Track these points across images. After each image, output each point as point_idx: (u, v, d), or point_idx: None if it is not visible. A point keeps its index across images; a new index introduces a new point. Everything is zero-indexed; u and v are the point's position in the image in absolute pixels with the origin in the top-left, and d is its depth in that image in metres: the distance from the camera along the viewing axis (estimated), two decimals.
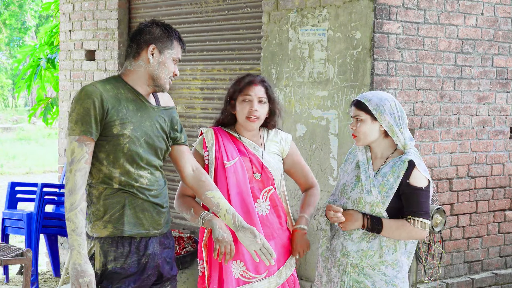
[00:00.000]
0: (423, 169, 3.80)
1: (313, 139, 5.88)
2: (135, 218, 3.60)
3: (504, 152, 6.37)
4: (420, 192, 3.78)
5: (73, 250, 3.44)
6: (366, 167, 3.87)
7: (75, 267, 3.42)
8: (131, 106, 3.59)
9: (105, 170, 3.56)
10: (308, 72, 5.94)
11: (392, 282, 3.82)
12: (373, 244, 3.82)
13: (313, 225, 5.91)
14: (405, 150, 3.84)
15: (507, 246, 6.46)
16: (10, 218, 8.06)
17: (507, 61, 6.32)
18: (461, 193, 6.09)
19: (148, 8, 7.63)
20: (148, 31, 3.65)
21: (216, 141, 4.06)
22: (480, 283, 6.18)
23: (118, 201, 3.57)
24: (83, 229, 3.44)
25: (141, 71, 3.64)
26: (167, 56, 3.65)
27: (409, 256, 3.90)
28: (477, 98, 6.15)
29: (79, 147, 3.46)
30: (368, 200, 3.80)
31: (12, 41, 37.95)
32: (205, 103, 7.11)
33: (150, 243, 3.66)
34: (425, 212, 3.79)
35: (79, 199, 3.43)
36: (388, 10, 5.56)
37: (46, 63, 10.16)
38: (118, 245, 3.58)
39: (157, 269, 3.70)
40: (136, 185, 3.59)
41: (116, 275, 3.58)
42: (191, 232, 7.06)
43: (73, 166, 3.46)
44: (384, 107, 3.80)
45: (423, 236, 3.83)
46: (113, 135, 3.53)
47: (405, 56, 5.67)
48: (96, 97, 3.49)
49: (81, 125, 3.47)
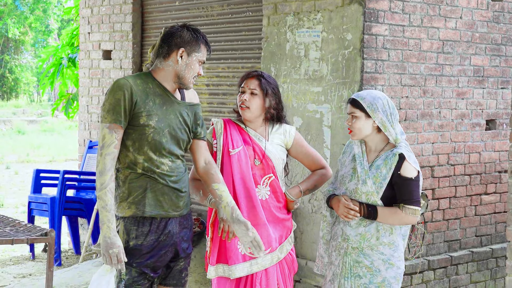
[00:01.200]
0: (413, 161, 3.79)
1: (309, 130, 5.87)
2: (155, 200, 3.63)
3: (480, 142, 6.36)
4: (410, 182, 3.77)
5: (103, 225, 3.49)
6: (361, 159, 3.86)
7: (105, 240, 3.47)
8: (158, 100, 3.63)
9: (131, 156, 3.60)
10: (304, 70, 5.92)
11: (389, 261, 3.82)
12: (370, 228, 3.82)
13: (308, 208, 5.90)
14: (396, 143, 3.83)
15: (483, 227, 6.45)
16: (35, 201, 8.10)
17: (483, 60, 6.31)
18: (441, 179, 6.08)
19: (159, 12, 7.60)
20: (179, 35, 3.70)
21: (224, 130, 4.08)
22: (458, 260, 6.18)
23: (141, 185, 3.61)
24: (112, 206, 3.50)
25: (170, 70, 3.68)
26: (194, 58, 3.71)
27: (404, 238, 3.90)
28: (456, 94, 6.14)
29: (110, 134, 3.52)
30: (364, 190, 3.80)
31: (37, 42, 37.98)
32: (211, 98, 7.10)
33: (169, 223, 3.69)
34: (416, 200, 3.78)
35: (108, 179, 3.48)
36: (376, 14, 5.54)
37: (67, 62, 10.17)
38: (139, 224, 3.62)
39: (175, 247, 3.73)
40: (157, 171, 3.62)
41: (137, 251, 3.62)
42: (198, 214, 7.07)
43: (103, 150, 3.52)
44: (377, 105, 3.79)
45: (414, 221, 3.83)
46: (140, 125, 3.57)
47: (392, 55, 5.66)
48: (127, 89, 3.54)
49: (112, 114, 3.52)
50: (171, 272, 3.79)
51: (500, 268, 6.48)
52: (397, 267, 3.84)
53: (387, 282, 3.81)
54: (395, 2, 5.64)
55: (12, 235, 5.88)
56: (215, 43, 6.97)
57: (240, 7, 6.71)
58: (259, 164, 4.04)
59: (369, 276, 3.81)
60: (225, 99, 6.92)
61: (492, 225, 6.54)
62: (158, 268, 3.70)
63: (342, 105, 5.63)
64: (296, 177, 5.82)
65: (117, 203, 3.62)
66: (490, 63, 6.37)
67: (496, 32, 6.38)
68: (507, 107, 6.50)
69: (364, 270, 3.82)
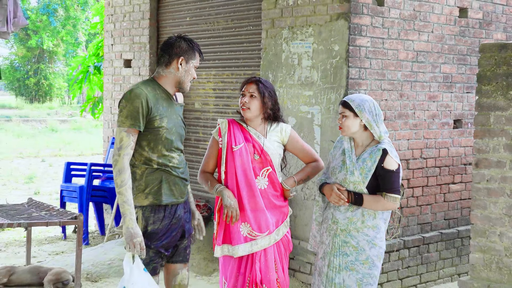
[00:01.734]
0: (394, 156, 3.77)
1: (301, 129, 5.83)
2: (169, 190, 3.64)
3: (448, 139, 6.32)
4: (391, 173, 3.74)
5: (125, 217, 3.46)
6: (350, 153, 3.83)
7: (128, 230, 3.45)
8: (165, 103, 3.63)
9: (146, 154, 3.58)
10: (297, 76, 5.88)
11: (372, 241, 3.79)
12: (356, 213, 3.79)
13: (301, 196, 5.87)
14: (380, 140, 3.81)
15: (451, 211, 6.42)
16: (66, 189, 8.08)
17: (451, 68, 6.27)
18: (415, 171, 6.04)
19: (172, 26, 7.56)
20: (178, 45, 3.67)
21: (228, 130, 4.05)
22: (429, 240, 6.15)
23: (157, 178, 3.61)
24: (132, 201, 3.48)
25: (171, 76, 3.67)
26: (191, 65, 3.69)
27: (385, 221, 3.86)
28: (428, 97, 6.10)
29: (127, 137, 3.50)
30: (351, 180, 3.77)
31: (67, 53, 37.94)
32: (217, 101, 7.06)
33: (178, 209, 3.71)
34: (396, 189, 3.76)
35: (127, 177, 3.48)
36: (360, 28, 5.50)
37: (94, 70, 10.15)
38: (156, 212, 3.61)
39: (182, 228, 3.75)
40: (170, 165, 3.63)
41: (154, 235, 3.62)
42: (206, 201, 7.04)
43: (121, 151, 3.49)
44: (364, 106, 3.77)
45: (394, 208, 3.81)
46: (155, 127, 3.56)
47: (373, 64, 5.62)
48: (144, 98, 3.52)
49: (130, 119, 3.50)
50: (177, 250, 3.79)
51: (465, 247, 6.45)
52: (379, 247, 3.81)
53: (370, 259, 3.79)
54: (376, 18, 5.60)
55: (46, 218, 5.85)
56: (220, 53, 6.94)
57: (242, 22, 6.68)
58: (258, 158, 4.01)
59: (355, 254, 3.79)
60: (229, 101, 6.88)
61: (458, 210, 6.51)
62: (170, 247, 3.72)
63: (330, 107, 5.59)
64: (291, 169, 5.78)
65: (134, 194, 3.60)
66: (457, 71, 6.33)
67: (462, 44, 6.34)
68: (472, 109, 6.47)
69: (351, 249, 3.79)
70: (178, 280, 3.82)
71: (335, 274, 3.81)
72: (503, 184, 4.47)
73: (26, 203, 6.65)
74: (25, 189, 11.91)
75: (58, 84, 38.68)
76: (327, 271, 3.84)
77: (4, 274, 5.78)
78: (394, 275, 5.87)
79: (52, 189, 11.92)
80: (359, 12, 5.48)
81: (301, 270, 5.88)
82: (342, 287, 3.79)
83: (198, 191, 7.25)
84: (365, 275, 3.78)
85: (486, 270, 4.56)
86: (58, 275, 5.73)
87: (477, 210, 4.60)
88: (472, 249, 4.62)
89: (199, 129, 7.27)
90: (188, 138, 7.35)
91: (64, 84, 38.35)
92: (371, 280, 3.81)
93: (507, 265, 4.45)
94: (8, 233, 8.27)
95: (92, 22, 11.39)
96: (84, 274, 6.12)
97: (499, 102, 4.51)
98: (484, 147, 4.58)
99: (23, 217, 5.90)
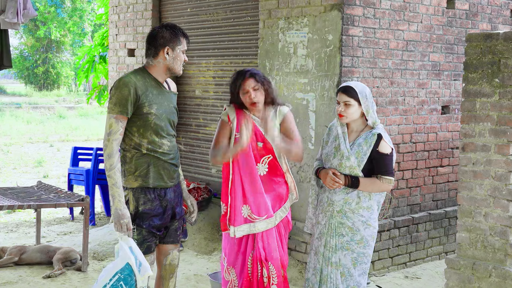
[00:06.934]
0: (388, 140, 3.75)
1: (297, 114, 5.80)
2: (157, 174, 3.61)
3: (437, 124, 6.31)
4: (386, 157, 3.72)
5: (114, 199, 3.44)
6: (343, 139, 3.79)
7: (116, 211, 3.44)
8: (155, 91, 3.58)
9: (136, 140, 3.56)
10: (293, 65, 5.85)
11: (367, 222, 3.77)
12: (352, 194, 3.77)
13: (297, 179, 5.86)
14: (374, 126, 3.77)
15: (438, 193, 6.42)
16: (74, 173, 8.05)
17: (439, 57, 6.24)
18: (405, 155, 6.03)
19: (174, 17, 7.51)
20: (161, 36, 3.59)
21: (237, 116, 3.97)
22: (418, 220, 6.15)
23: (145, 161, 3.58)
24: (121, 183, 3.47)
25: (160, 65, 3.61)
26: (177, 51, 3.61)
27: (378, 203, 3.84)
28: (417, 84, 6.07)
29: (116, 123, 3.46)
30: (347, 164, 3.74)
31: (74, 43, 37.76)
32: (216, 88, 7.03)
33: (168, 192, 3.69)
34: (390, 172, 3.74)
35: (116, 161, 3.44)
36: (352, 19, 5.46)
37: (99, 59, 10.10)
38: (146, 193, 3.60)
39: (173, 210, 3.74)
40: (160, 151, 3.60)
41: (146, 215, 3.61)
42: (206, 183, 7.03)
43: (110, 136, 3.46)
44: (365, 93, 3.73)
45: (389, 189, 3.78)
46: (143, 113, 3.52)
47: (365, 53, 5.58)
48: (132, 85, 3.48)
49: (119, 106, 3.46)
50: (168, 232, 3.78)
51: (452, 226, 6.46)
52: (373, 227, 3.80)
53: (364, 239, 3.77)
54: (367, 9, 5.56)
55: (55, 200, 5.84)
56: (220, 42, 6.90)
57: (241, 13, 6.64)
58: (262, 145, 3.94)
59: (350, 235, 3.77)
60: (228, 88, 6.84)
61: (446, 192, 6.50)
62: (161, 228, 3.70)
63: (324, 94, 5.57)
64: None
65: (125, 177, 3.59)
66: (445, 59, 6.30)
67: (450, 34, 6.30)
68: (459, 96, 6.45)
69: (347, 230, 3.77)
70: (168, 260, 3.83)
71: (331, 254, 3.79)
72: (488, 167, 4.46)
73: (35, 186, 6.64)
74: (34, 173, 11.89)
75: (66, 73, 38.53)
76: (324, 251, 3.83)
77: (16, 253, 5.78)
78: (385, 254, 5.88)
79: (60, 172, 11.89)
80: (352, 3, 5.44)
81: (297, 249, 5.89)
82: (338, 266, 3.78)
83: (199, 174, 7.24)
84: (360, 254, 3.78)
85: (472, 249, 4.56)
86: (67, 254, 5.74)
87: (463, 191, 4.59)
88: (459, 228, 4.62)
89: (199, 115, 7.25)
90: (189, 123, 7.33)
91: (71, 72, 38.22)
92: (365, 259, 3.80)
93: (492, 244, 4.45)
94: (19, 215, 8.27)
95: (98, 13, 11.32)
96: (91, 253, 6.11)
97: (485, 89, 4.48)
98: (470, 132, 4.56)
99: (33, 199, 5.88)
